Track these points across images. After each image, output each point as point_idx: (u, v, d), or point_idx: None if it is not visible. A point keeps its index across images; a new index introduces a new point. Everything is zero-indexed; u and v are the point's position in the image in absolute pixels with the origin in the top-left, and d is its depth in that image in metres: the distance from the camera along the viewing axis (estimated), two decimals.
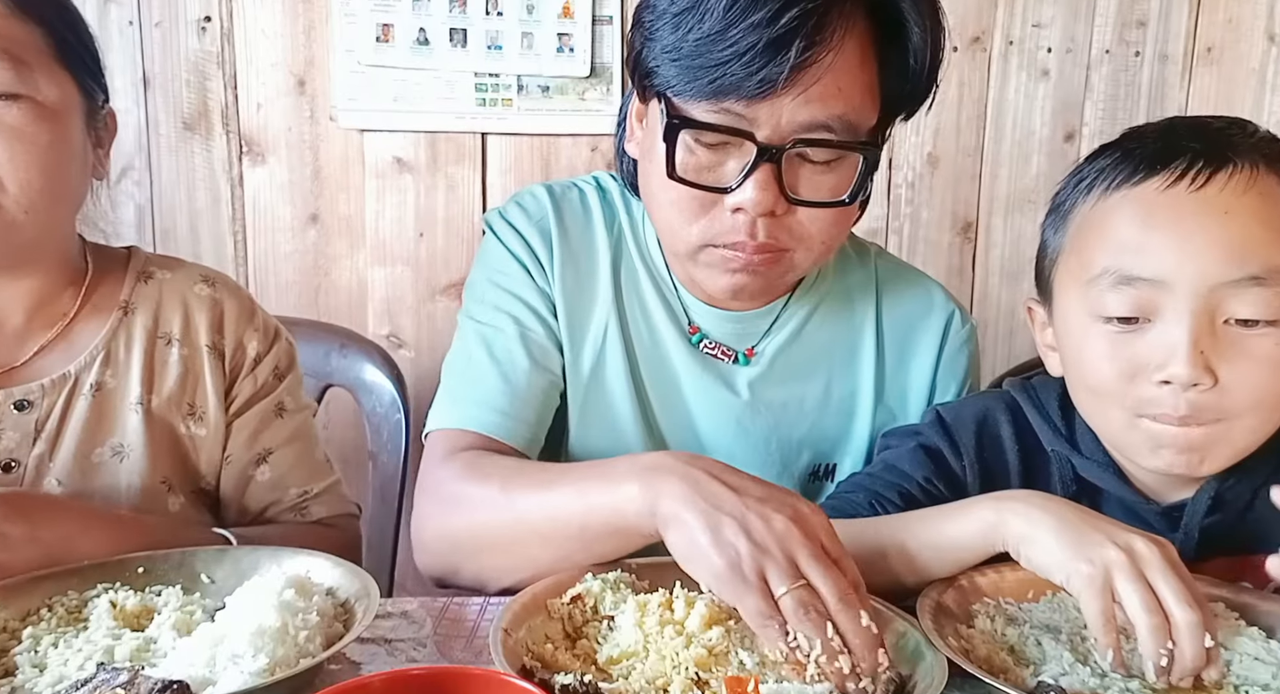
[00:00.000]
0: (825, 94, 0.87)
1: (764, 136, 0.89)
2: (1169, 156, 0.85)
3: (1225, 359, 0.82)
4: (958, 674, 0.72)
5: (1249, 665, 0.78)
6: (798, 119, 0.88)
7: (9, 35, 0.90)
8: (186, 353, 1.07)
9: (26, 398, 1.00)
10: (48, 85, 0.93)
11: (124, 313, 1.06)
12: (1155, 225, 0.84)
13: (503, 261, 1.09)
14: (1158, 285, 0.83)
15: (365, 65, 1.86)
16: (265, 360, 1.11)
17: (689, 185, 0.92)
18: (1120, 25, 2.06)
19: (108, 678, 0.68)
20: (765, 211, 0.91)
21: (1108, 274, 0.85)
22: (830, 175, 0.93)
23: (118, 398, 1.03)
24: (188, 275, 1.10)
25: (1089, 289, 0.87)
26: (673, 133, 0.90)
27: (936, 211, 2.10)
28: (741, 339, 1.10)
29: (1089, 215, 0.89)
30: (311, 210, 1.93)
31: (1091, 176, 0.90)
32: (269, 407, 1.11)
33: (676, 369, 1.09)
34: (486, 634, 0.76)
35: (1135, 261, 0.84)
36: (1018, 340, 2.15)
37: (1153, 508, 0.95)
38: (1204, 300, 0.82)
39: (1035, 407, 1.01)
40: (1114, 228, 0.86)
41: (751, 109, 0.87)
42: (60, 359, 1.02)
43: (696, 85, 0.87)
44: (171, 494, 1.05)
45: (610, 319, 1.08)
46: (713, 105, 0.88)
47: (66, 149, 0.96)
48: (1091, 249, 0.88)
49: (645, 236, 1.11)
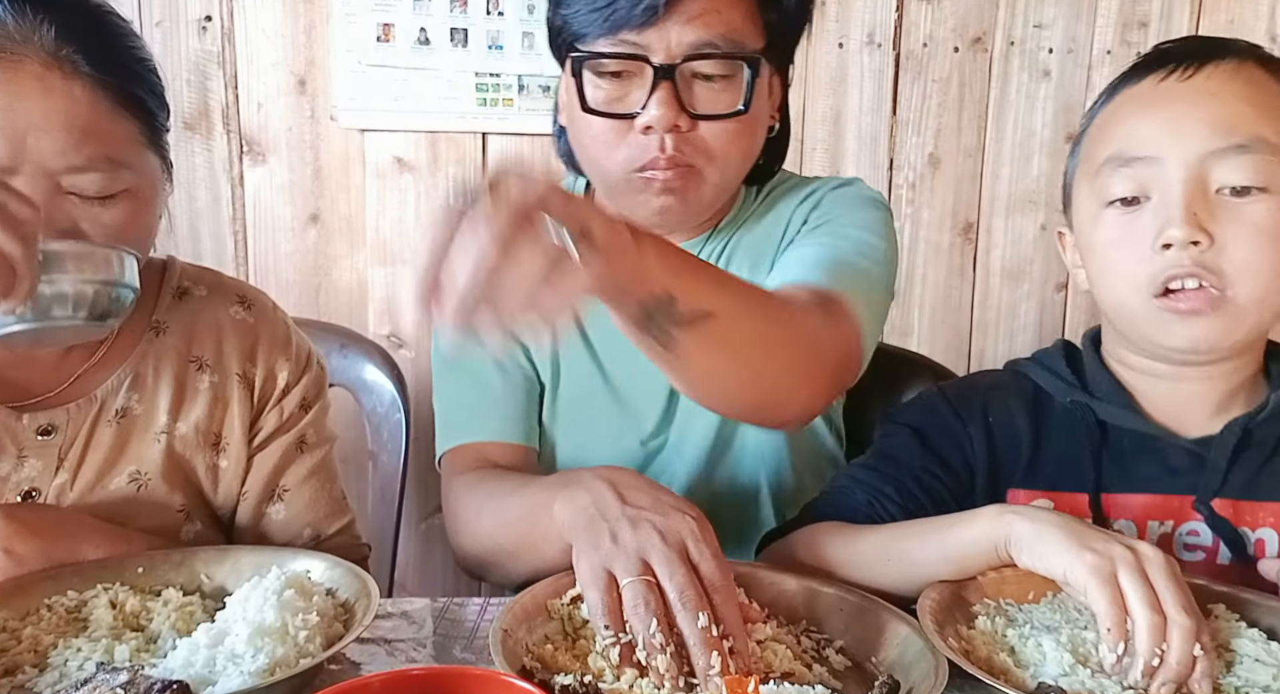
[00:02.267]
0: (705, 13, 1.00)
1: (659, 60, 1.00)
2: (1165, 58, 0.93)
3: (1220, 224, 0.88)
4: (958, 675, 0.72)
5: (1250, 666, 0.78)
6: (685, 39, 1.00)
7: (111, 137, 0.87)
8: (217, 380, 1.03)
9: (52, 423, 0.95)
10: (142, 175, 0.90)
11: (155, 333, 1.01)
12: (1148, 111, 0.92)
13: None
14: (1152, 162, 0.90)
15: (366, 65, 1.85)
16: (294, 391, 1.07)
17: (601, 115, 1.04)
18: (1121, 26, 2.06)
19: (108, 678, 0.68)
20: (669, 126, 1.01)
21: (1110, 161, 0.92)
22: (725, 92, 1.03)
23: (142, 426, 0.99)
24: (224, 295, 1.07)
25: (1095, 180, 0.94)
26: (578, 67, 1.03)
27: (937, 212, 2.10)
28: None
29: (1096, 122, 0.98)
30: (312, 210, 1.93)
31: (1104, 94, 0.99)
32: (291, 441, 1.07)
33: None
34: (486, 634, 0.76)
35: (1131, 144, 0.91)
36: (1018, 341, 2.15)
37: (1179, 443, 0.95)
38: (1194, 170, 0.88)
39: (1044, 368, 1.03)
40: (1115, 122, 0.95)
41: (643, 36, 1.00)
42: (91, 382, 0.98)
43: (594, 25, 1.01)
44: (189, 522, 1.02)
45: None
46: (610, 39, 1.01)
47: (155, 225, 0.95)
48: (1097, 146, 0.96)
49: None
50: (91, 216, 0.86)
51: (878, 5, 1.99)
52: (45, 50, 0.83)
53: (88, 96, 0.85)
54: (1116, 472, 0.96)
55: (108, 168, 0.86)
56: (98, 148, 0.85)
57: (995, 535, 0.81)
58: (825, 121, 2.02)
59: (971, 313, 2.14)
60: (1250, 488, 0.94)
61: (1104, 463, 0.96)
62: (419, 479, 1.96)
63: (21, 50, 0.82)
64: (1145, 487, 0.96)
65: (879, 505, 0.98)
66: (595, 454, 1.16)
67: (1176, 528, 0.95)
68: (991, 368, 1.12)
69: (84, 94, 0.84)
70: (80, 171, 0.84)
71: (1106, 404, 0.98)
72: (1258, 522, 0.93)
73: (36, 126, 0.82)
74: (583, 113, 1.04)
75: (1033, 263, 2.14)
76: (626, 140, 1.04)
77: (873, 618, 0.82)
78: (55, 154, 0.83)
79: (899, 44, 2.02)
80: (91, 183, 0.85)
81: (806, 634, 0.84)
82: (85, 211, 0.86)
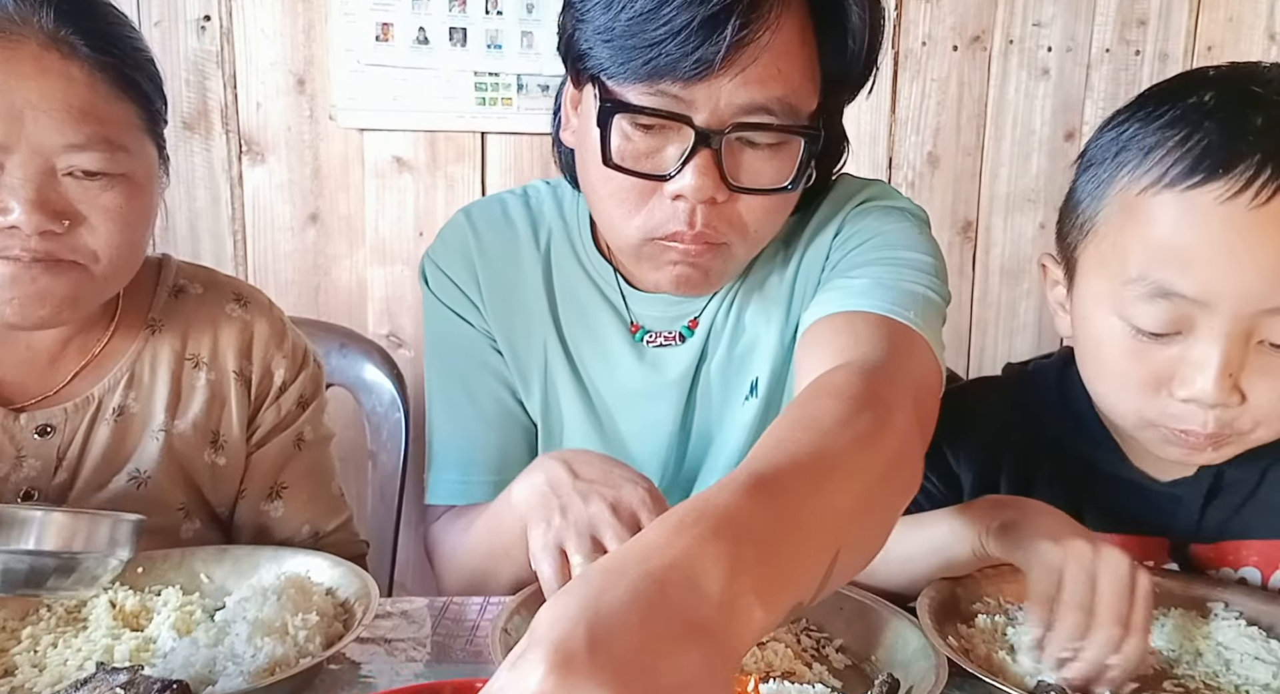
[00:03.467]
0: (764, 75, 0.84)
1: (702, 121, 0.85)
2: (1233, 159, 0.75)
3: (1253, 379, 0.78)
4: (958, 674, 0.72)
5: (1249, 665, 0.78)
6: (736, 101, 0.84)
7: (109, 119, 0.87)
8: (214, 378, 1.03)
9: (49, 423, 0.95)
10: (139, 161, 0.90)
11: (151, 332, 1.01)
12: (1206, 241, 0.76)
13: (441, 320, 1.10)
14: (1197, 304, 0.77)
15: (365, 64, 1.85)
16: (291, 388, 1.07)
17: (626, 173, 0.88)
18: (1121, 24, 2.06)
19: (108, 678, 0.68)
20: (705, 198, 0.87)
21: (1144, 282, 0.78)
22: (772, 162, 0.89)
23: (140, 424, 0.99)
24: (219, 293, 1.06)
25: (1121, 289, 0.80)
26: (607, 117, 0.86)
27: (937, 211, 2.10)
28: (682, 318, 1.07)
29: (1133, 204, 0.80)
30: (311, 210, 1.93)
31: (1138, 155, 0.80)
32: (289, 438, 1.07)
33: (622, 372, 1.08)
34: (486, 634, 0.76)
35: (1177, 276, 0.77)
36: (1018, 340, 2.15)
37: (1155, 487, 0.94)
38: (1243, 323, 0.77)
39: (1035, 390, 1.00)
40: (1159, 232, 0.78)
41: (689, 91, 0.84)
42: (88, 382, 0.98)
43: (630, 67, 0.83)
44: (188, 520, 1.02)
45: (549, 337, 1.08)
46: (648, 87, 0.84)
47: (151, 214, 0.95)
48: (1130, 246, 0.80)
49: (581, 235, 1.08)
50: (89, 199, 0.86)
51: None
52: (44, 32, 0.83)
53: (86, 78, 0.85)
54: (1095, 510, 0.94)
55: (105, 148, 0.86)
56: (95, 128, 0.85)
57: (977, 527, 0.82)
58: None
59: (971, 311, 2.14)
60: (1230, 528, 0.92)
61: (1083, 501, 0.94)
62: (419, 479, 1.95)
63: (20, 31, 0.82)
64: (1123, 527, 0.94)
65: None
66: None
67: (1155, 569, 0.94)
68: (990, 375, 1.10)
69: (82, 75, 0.85)
70: (78, 150, 0.84)
71: (1088, 440, 0.95)
72: (1240, 560, 0.92)
73: (34, 106, 0.82)
74: (601, 164, 0.89)
75: (1032, 261, 2.14)
76: (650, 203, 0.90)
77: (873, 617, 0.82)
78: (52, 132, 0.83)
79: (898, 42, 2.02)
80: (89, 162, 0.85)
81: (806, 633, 0.84)
82: (82, 193, 0.86)
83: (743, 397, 1.06)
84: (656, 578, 0.46)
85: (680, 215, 0.89)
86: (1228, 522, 0.92)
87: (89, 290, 0.90)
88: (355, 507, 1.17)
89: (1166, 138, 0.78)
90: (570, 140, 1.00)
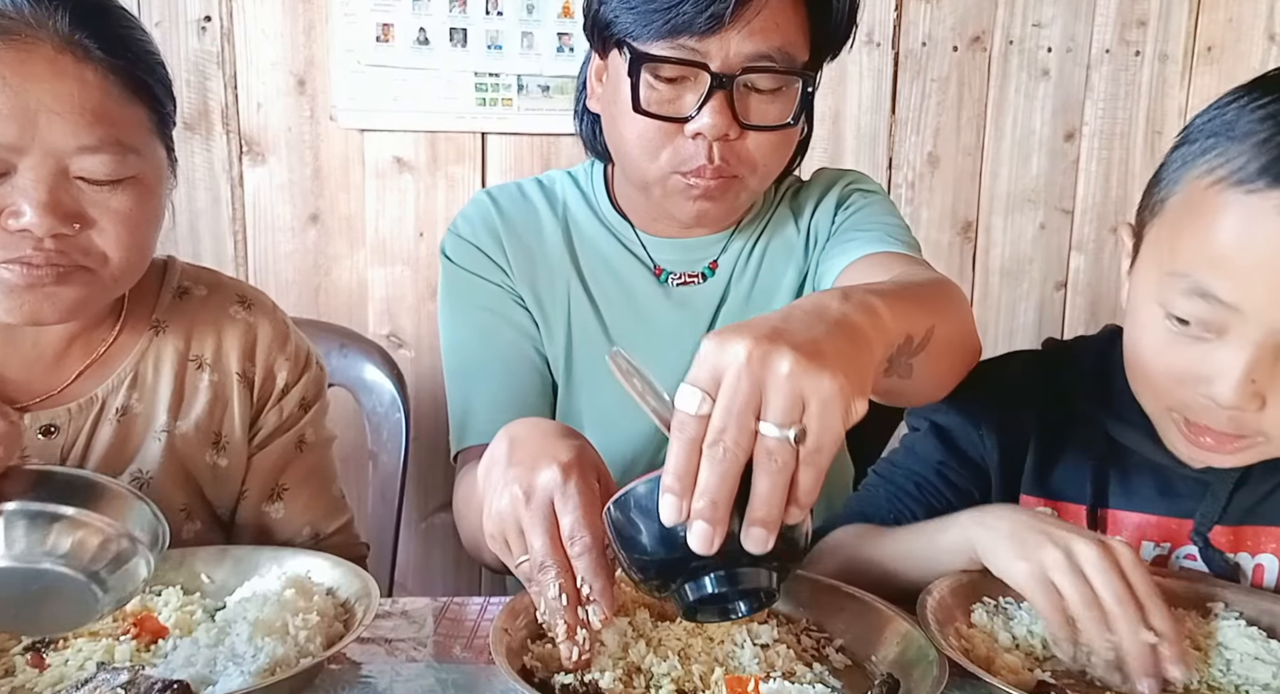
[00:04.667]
0: (765, 28, 1.00)
1: (716, 67, 1.00)
2: None
3: (1276, 387, 0.78)
4: (958, 674, 0.72)
5: (1249, 665, 0.78)
6: (744, 50, 1.00)
7: (121, 122, 0.87)
8: (217, 379, 1.03)
9: (53, 423, 0.96)
10: (149, 162, 0.90)
11: (155, 332, 1.02)
12: (1252, 249, 0.76)
13: (463, 286, 1.20)
14: (1231, 309, 0.77)
15: (365, 65, 1.85)
16: (294, 390, 1.07)
17: (653, 117, 1.03)
18: (1120, 25, 2.06)
19: (108, 678, 0.68)
20: (720, 135, 1.02)
21: (1187, 278, 0.79)
22: (774, 103, 1.05)
23: (143, 424, 1.00)
24: (223, 295, 1.07)
25: (1166, 279, 0.81)
26: (636, 67, 1.02)
27: (936, 211, 2.10)
28: (702, 261, 1.21)
29: (1200, 195, 0.79)
30: (311, 210, 1.93)
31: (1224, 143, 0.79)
32: (290, 440, 1.08)
33: (648, 311, 1.19)
34: (487, 634, 0.76)
35: (1217, 279, 0.77)
36: (1017, 339, 2.15)
37: (1184, 472, 0.93)
38: (1275, 336, 0.77)
39: (1071, 366, 1.00)
40: (1212, 230, 0.78)
41: (703, 43, 0.99)
42: (92, 382, 0.98)
43: (653, 26, 0.99)
44: (189, 521, 1.02)
45: (572, 285, 1.19)
46: (669, 43, 1.00)
47: (160, 216, 0.95)
48: (1184, 239, 0.80)
49: (598, 200, 1.22)
50: (100, 202, 0.87)
51: (877, 4, 1.99)
52: (59, 35, 0.83)
53: (99, 81, 0.85)
54: (1119, 488, 0.95)
55: (117, 151, 0.86)
56: (108, 130, 0.85)
57: (965, 545, 0.84)
58: (824, 120, 2.02)
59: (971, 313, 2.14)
60: (1252, 513, 0.92)
61: (1108, 477, 0.95)
62: (419, 479, 1.97)
63: (35, 34, 0.83)
64: (1146, 506, 0.95)
65: (900, 504, 0.99)
66: (615, 451, 1.16)
67: (1174, 550, 0.94)
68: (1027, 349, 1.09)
69: (95, 78, 0.85)
70: (91, 152, 0.84)
71: (1121, 422, 0.95)
72: (1259, 547, 0.93)
73: (48, 108, 0.82)
74: (632, 111, 1.03)
75: (1032, 262, 2.14)
76: (673, 143, 1.04)
77: (873, 617, 0.82)
78: (66, 134, 0.83)
79: (898, 43, 2.02)
80: (101, 165, 0.85)
81: (806, 633, 0.84)
82: (93, 196, 0.86)
83: None
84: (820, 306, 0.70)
85: (700, 152, 1.03)
86: (1253, 508, 0.92)
87: (97, 292, 0.90)
88: (355, 507, 1.17)
89: (1253, 131, 0.77)
90: (595, 106, 1.15)
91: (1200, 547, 0.92)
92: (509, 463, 0.77)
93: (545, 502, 0.73)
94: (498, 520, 0.75)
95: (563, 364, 1.19)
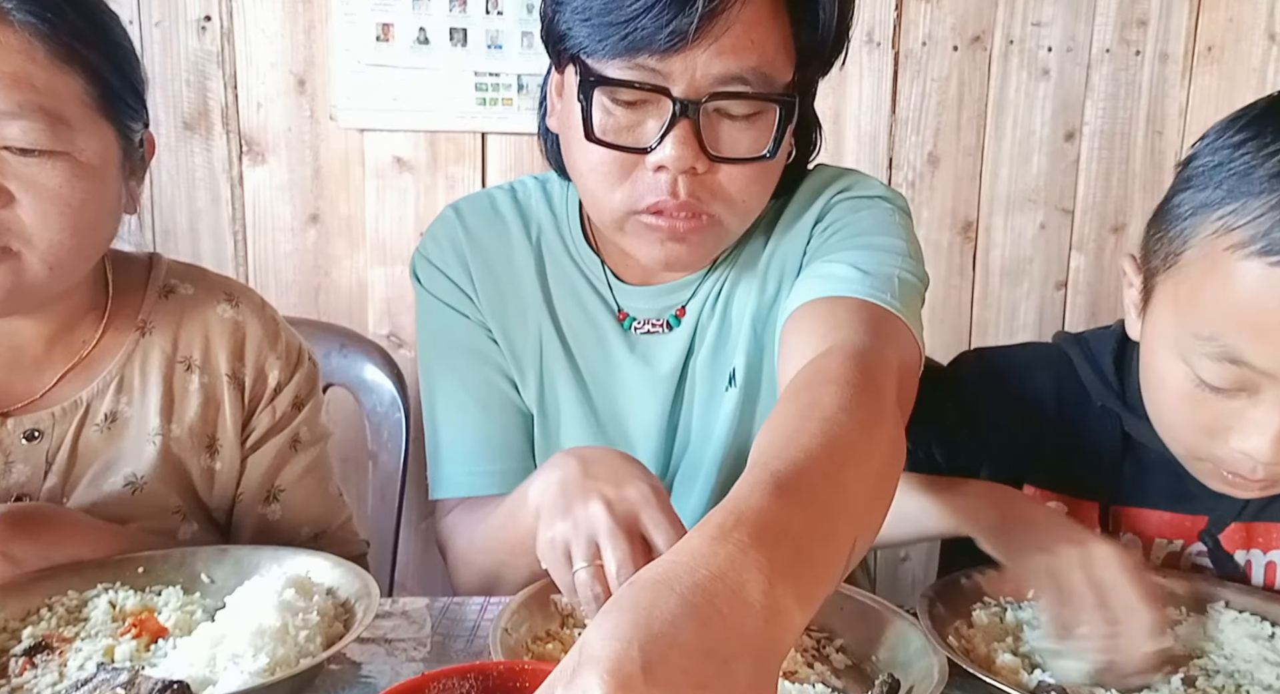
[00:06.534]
0: (738, 45, 0.86)
1: (680, 92, 0.87)
2: None
3: None
4: (958, 674, 0.72)
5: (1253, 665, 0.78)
6: (712, 72, 0.86)
7: (48, 89, 0.82)
8: (207, 381, 1.01)
9: (37, 427, 0.94)
10: (87, 140, 0.85)
11: (141, 333, 0.99)
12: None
13: (435, 315, 1.10)
14: (1265, 374, 0.76)
15: (365, 65, 1.85)
16: (286, 389, 1.05)
17: (608, 147, 0.91)
18: (1121, 24, 2.06)
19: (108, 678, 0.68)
20: (686, 168, 0.89)
21: (1215, 342, 0.77)
22: (749, 131, 0.91)
23: (133, 428, 0.97)
24: (210, 293, 1.03)
25: (1191, 340, 0.79)
26: (588, 91, 0.89)
27: (937, 211, 2.10)
28: (669, 308, 1.08)
29: (1220, 258, 0.76)
30: (311, 210, 1.93)
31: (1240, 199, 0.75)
32: (285, 440, 1.05)
33: (614, 358, 1.09)
34: (487, 634, 0.76)
35: (1250, 346, 0.75)
36: (1017, 339, 2.14)
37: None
38: None
39: (1087, 360, 0.98)
40: (1240, 298, 0.75)
41: (665, 63, 0.86)
42: (76, 385, 0.96)
43: (609, 43, 0.86)
44: (185, 523, 1.01)
45: (544, 326, 1.09)
46: (626, 62, 0.87)
47: (100, 204, 0.88)
48: (1207, 302, 0.78)
49: (570, 229, 1.10)
50: (25, 175, 0.82)
51: (877, 4, 1.99)
52: None
53: (22, 45, 0.81)
54: (1134, 485, 0.95)
55: (42, 120, 0.82)
56: (30, 96, 0.81)
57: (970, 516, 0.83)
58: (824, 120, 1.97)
59: (971, 312, 2.14)
60: (1265, 510, 0.92)
61: (1122, 475, 0.95)
62: (419, 478, 1.96)
63: None
64: (1160, 504, 0.94)
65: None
66: None
67: (1186, 547, 0.94)
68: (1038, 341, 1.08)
69: (18, 42, 0.81)
70: (10, 118, 0.81)
71: (1139, 419, 0.93)
72: (1270, 544, 0.92)
73: None
74: (584, 140, 0.91)
75: (1032, 262, 2.14)
76: (632, 177, 0.92)
77: (873, 617, 0.82)
78: None
79: (898, 43, 2.02)
80: (23, 133, 0.81)
81: (807, 633, 0.84)
82: (18, 168, 0.82)
83: (723, 387, 1.07)
84: (704, 590, 0.46)
85: (663, 186, 0.90)
86: (1266, 505, 0.92)
87: (27, 279, 0.85)
88: (355, 507, 1.17)
89: (1270, 189, 0.74)
90: (555, 126, 1.02)
91: (1210, 548, 0.91)
92: (586, 476, 0.78)
93: (632, 515, 0.75)
94: (568, 528, 0.76)
95: (537, 405, 1.10)
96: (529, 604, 0.80)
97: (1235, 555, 0.93)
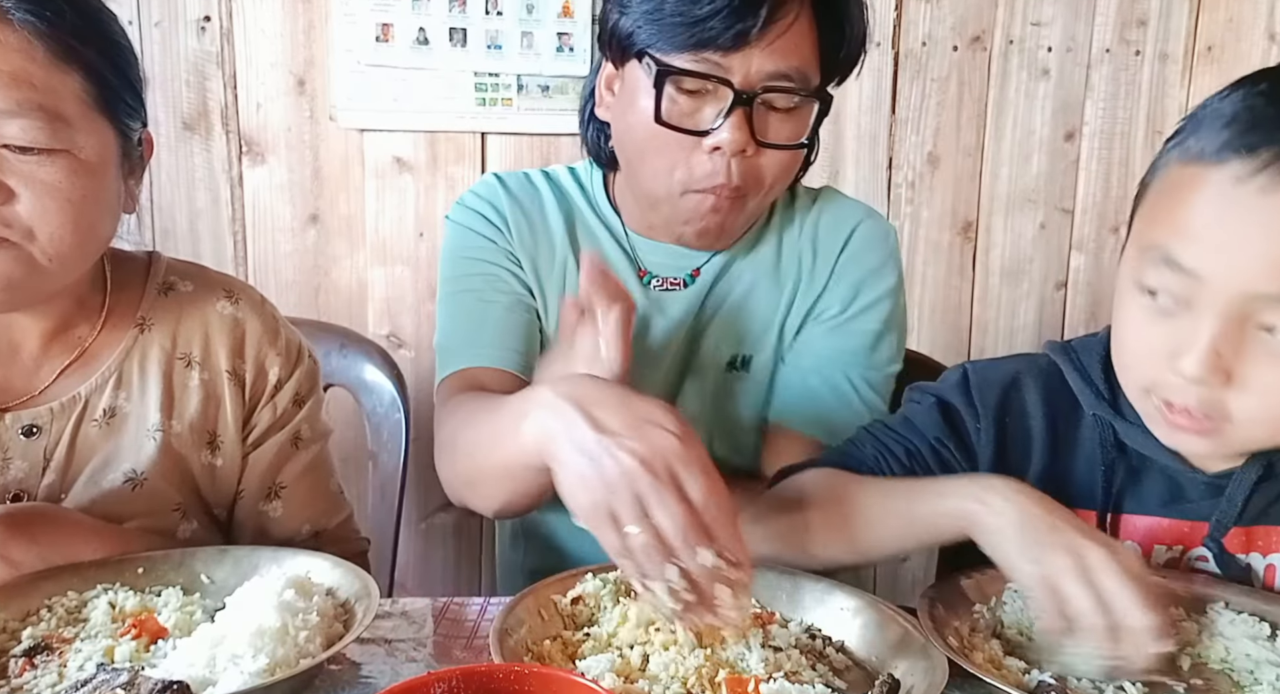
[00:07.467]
0: (786, 48, 1.02)
1: (738, 84, 1.02)
2: (1257, 141, 0.76)
3: (1247, 363, 0.78)
4: (958, 674, 0.72)
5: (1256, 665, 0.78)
6: (765, 68, 1.02)
7: (47, 88, 0.83)
8: (207, 378, 1.01)
9: (35, 423, 0.94)
10: (86, 138, 0.86)
11: (140, 330, 0.99)
12: (1210, 217, 0.78)
13: (464, 240, 1.21)
14: (1194, 277, 0.78)
15: (365, 65, 1.85)
16: (286, 386, 1.05)
17: (674, 129, 1.04)
18: (1120, 24, 2.06)
19: (108, 678, 0.68)
20: (739, 150, 1.03)
21: (1157, 249, 0.81)
22: (789, 122, 1.07)
23: (133, 424, 0.98)
24: (210, 290, 1.04)
25: (1140, 254, 0.84)
26: (661, 80, 1.03)
27: (937, 211, 2.10)
28: (686, 268, 1.20)
29: (1175, 173, 0.83)
30: (311, 210, 1.93)
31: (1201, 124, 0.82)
32: (286, 438, 1.06)
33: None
34: (486, 634, 0.76)
35: (1182, 247, 0.79)
36: (1018, 339, 2.15)
37: (1196, 476, 0.92)
38: (1237, 306, 0.77)
39: (1076, 369, 0.98)
40: (1179, 203, 0.81)
41: (727, 59, 1.01)
42: (74, 381, 0.96)
43: (679, 39, 1.01)
44: (185, 521, 1.01)
45: (569, 263, 1.20)
46: (693, 56, 1.01)
47: (100, 200, 0.89)
48: (1157, 214, 0.84)
49: (597, 197, 1.24)
50: (25, 172, 0.83)
51: (877, 4, 1.99)
52: None
53: (21, 43, 0.82)
54: (1129, 492, 0.94)
55: (41, 117, 0.82)
56: (29, 94, 0.82)
57: (962, 520, 0.82)
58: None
59: (971, 312, 2.14)
60: (1265, 514, 0.92)
61: (1117, 482, 0.94)
62: (419, 479, 1.96)
63: None
64: (1157, 510, 0.94)
65: (884, 462, 0.98)
66: None
67: (1186, 553, 0.93)
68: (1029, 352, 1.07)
69: (17, 40, 0.82)
70: (10, 116, 0.81)
71: (1131, 425, 0.93)
72: (1270, 547, 0.92)
73: None
74: (651, 122, 1.04)
75: (1032, 261, 2.14)
76: (689, 157, 1.05)
77: (873, 617, 0.82)
78: None
79: (898, 43, 2.02)
80: (22, 131, 0.82)
81: (807, 633, 0.84)
82: (18, 166, 0.83)
83: (727, 359, 1.21)
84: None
85: (718, 167, 1.05)
86: (1266, 509, 0.91)
87: (29, 273, 0.86)
88: (356, 506, 1.17)
89: (1220, 112, 0.81)
90: (605, 115, 1.15)
91: (1215, 552, 0.91)
92: (597, 429, 0.74)
93: (668, 470, 0.72)
94: (605, 490, 0.72)
95: (552, 335, 1.19)
96: (529, 606, 0.81)
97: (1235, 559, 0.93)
